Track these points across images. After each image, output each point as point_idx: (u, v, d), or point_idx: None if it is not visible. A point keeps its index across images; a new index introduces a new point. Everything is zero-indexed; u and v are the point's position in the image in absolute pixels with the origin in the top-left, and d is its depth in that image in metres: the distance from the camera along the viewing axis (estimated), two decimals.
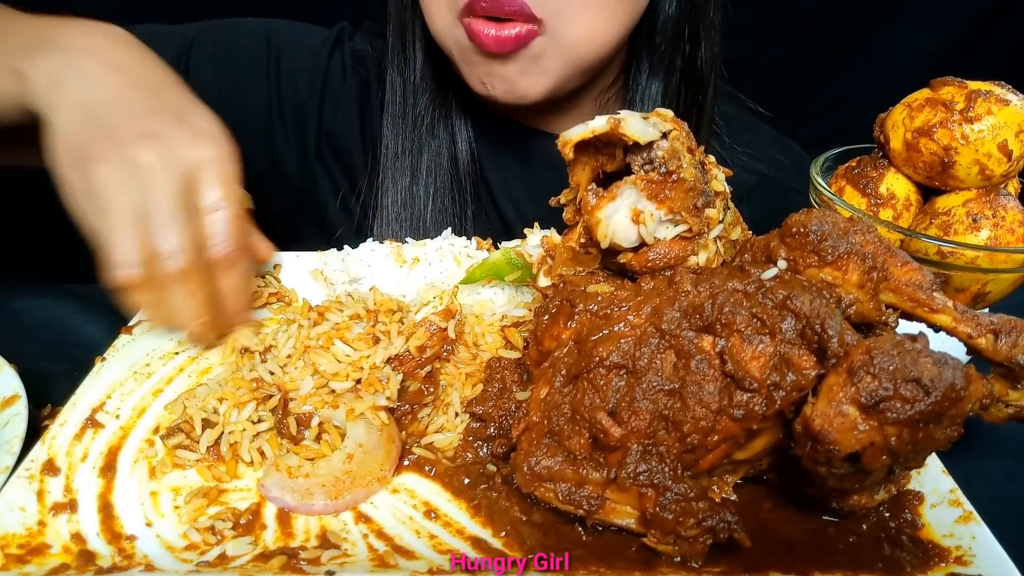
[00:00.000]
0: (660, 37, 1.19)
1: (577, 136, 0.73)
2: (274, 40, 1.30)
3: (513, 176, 1.33)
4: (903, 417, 0.59)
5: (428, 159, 1.25)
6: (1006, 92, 0.86)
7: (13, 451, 0.74)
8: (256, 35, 1.30)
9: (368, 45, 1.33)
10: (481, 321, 0.94)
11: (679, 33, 1.19)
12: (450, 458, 0.78)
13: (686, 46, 1.20)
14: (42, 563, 0.64)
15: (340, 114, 1.31)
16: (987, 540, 0.68)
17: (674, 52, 1.20)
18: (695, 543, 0.65)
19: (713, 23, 1.21)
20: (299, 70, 1.29)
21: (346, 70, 1.32)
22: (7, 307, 1.08)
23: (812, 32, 2.21)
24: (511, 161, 1.32)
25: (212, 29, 1.30)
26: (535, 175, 1.31)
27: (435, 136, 1.26)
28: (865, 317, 0.70)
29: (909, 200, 0.92)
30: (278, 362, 0.83)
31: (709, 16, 1.20)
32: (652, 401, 0.66)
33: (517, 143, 1.31)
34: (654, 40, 1.19)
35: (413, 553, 0.68)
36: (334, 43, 1.33)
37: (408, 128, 1.25)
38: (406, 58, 1.24)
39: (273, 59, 1.28)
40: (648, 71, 1.22)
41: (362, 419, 0.77)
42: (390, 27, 1.25)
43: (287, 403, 0.80)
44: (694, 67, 1.22)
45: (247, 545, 0.67)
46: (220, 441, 0.77)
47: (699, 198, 0.74)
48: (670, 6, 1.16)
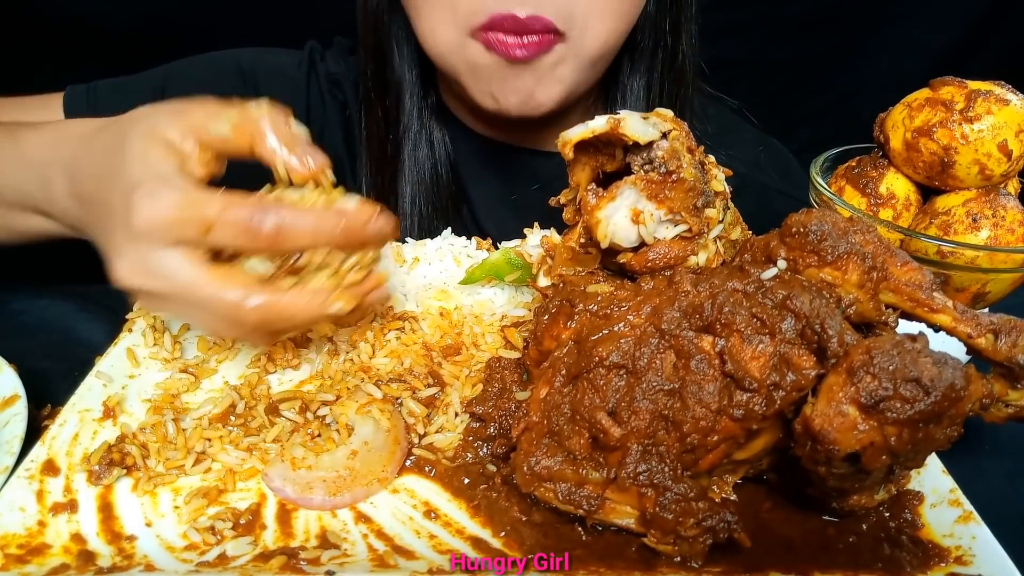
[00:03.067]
0: (640, 34, 1.19)
1: (577, 136, 0.73)
2: (247, 70, 1.27)
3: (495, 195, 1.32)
4: (903, 417, 0.59)
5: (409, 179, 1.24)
6: (1006, 92, 0.86)
7: (13, 451, 0.74)
8: (227, 68, 1.28)
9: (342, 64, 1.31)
10: (481, 321, 0.94)
11: (660, 27, 1.19)
12: (450, 458, 0.78)
13: (668, 39, 1.20)
14: (42, 563, 0.64)
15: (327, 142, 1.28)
16: (987, 540, 0.68)
17: (655, 47, 1.21)
18: (695, 543, 0.65)
19: (694, 17, 1.22)
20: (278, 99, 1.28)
21: (323, 94, 1.30)
22: (7, 307, 1.08)
23: (812, 32, 2.21)
24: (493, 179, 1.32)
25: (179, 70, 1.27)
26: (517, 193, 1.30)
27: (415, 158, 1.24)
28: (865, 317, 0.70)
29: (909, 200, 0.92)
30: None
31: (690, 9, 1.21)
32: (652, 401, 0.66)
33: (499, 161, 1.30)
34: (635, 38, 1.19)
35: (413, 553, 0.68)
36: (309, 66, 1.31)
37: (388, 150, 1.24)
38: (385, 81, 1.22)
39: (251, 89, 1.26)
40: (630, 69, 1.23)
41: (370, 417, 0.78)
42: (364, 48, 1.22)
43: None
44: (675, 62, 1.22)
45: (247, 545, 0.67)
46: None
47: (699, 198, 0.74)
48: (650, 4, 1.17)
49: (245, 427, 0.79)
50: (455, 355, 0.90)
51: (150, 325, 0.91)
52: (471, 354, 0.89)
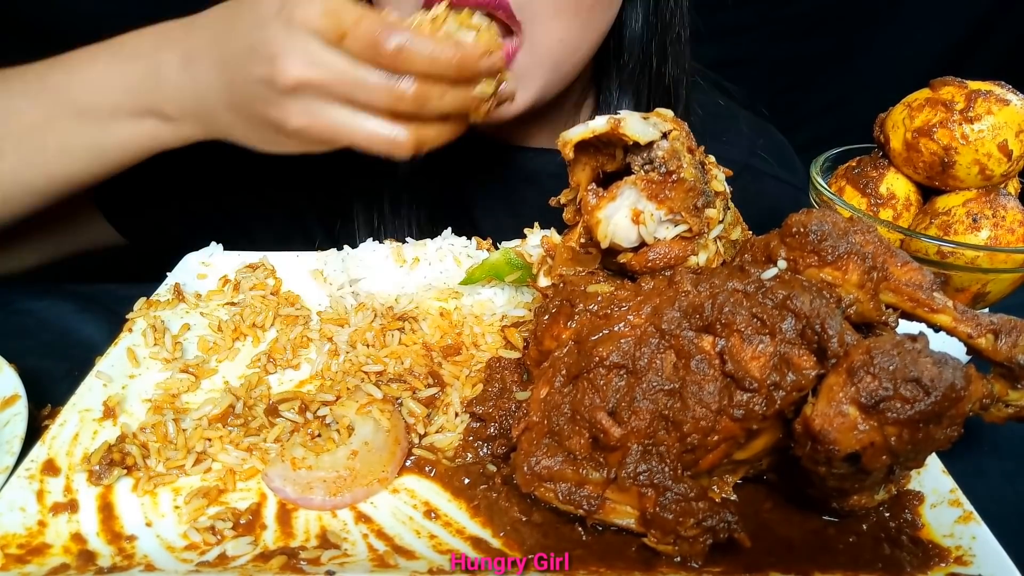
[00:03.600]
0: (627, 54, 1.19)
1: (577, 136, 0.73)
2: None
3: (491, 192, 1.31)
4: (903, 417, 0.59)
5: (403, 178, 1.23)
6: (1006, 92, 0.86)
7: (13, 451, 0.74)
8: None
9: None
10: (481, 321, 0.94)
11: (646, 49, 1.19)
12: (450, 458, 0.78)
13: (653, 61, 1.20)
14: (42, 563, 0.64)
15: None
16: (987, 540, 0.68)
17: (642, 67, 1.20)
18: (695, 543, 0.65)
19: (680, 38, 1.21)
20: None
21: None
22: (7, 307, 1.08)
23: (812, 32, 2.21)
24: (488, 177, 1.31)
25: None
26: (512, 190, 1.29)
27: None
28: (865, 317, 0.70)
29: (909, 200, 0.92)
30: None
31: (675, 31, 1.20)
32: (652, 401, 0.66)
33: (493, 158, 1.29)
34: (622, 56, 1.19)
35: (413, 553, 0.68)
36: None
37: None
38: None
39: None
40: (618, 85, 1.23)
41: (371, 417, 0.78)
42: None
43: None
44: (662, 83, 1.22)
45: (247, 545, 0.67)
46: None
47: (699, 198, 0.74)
48: (636, 22, 1.17)
49: (245, 427, 0.79)
50: (455, 355, 0.90)
51: (150, 325, 0.91)
52: (471, 354, 0.89)
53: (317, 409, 0.81)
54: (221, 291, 1.00)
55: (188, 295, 0.99)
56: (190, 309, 0.98)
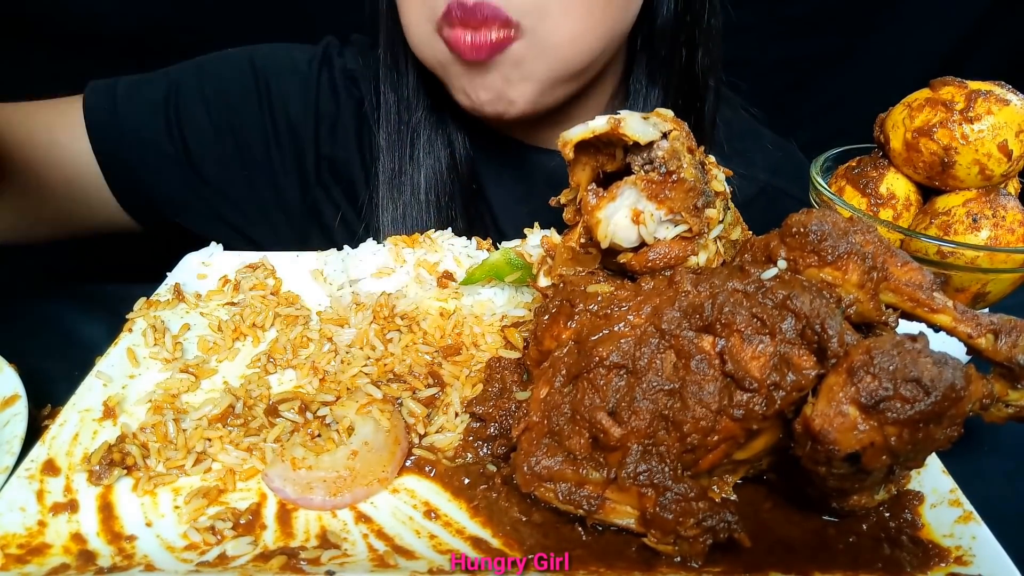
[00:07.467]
0: (658, 42, 1.18)
1: (577, 136, 0.73)
2: (259, 66, 1.28)
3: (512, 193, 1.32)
4: (903, 417, 0.59)
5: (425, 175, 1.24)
6: (1006, 92, 0.86)
7: (13, 451, 0.74)
8: (240, 65, 1.28)
9: (359, 60, 1.31)
10: (481, 321, 0.94)
11: (676, 38, 1.18)
12: (450, 458, 0.78)
13: (683, 51, 1.20)
14: (42, 563, 0.64)
15: (338, 138, 1.29)
16: (987, 540, 0.68)
17: (671, 57, 1.20)
18: (695, 543, 0.65)
19: (711, 27, 1.21)
20: (289, 95, 1.28)
21: (338, 90, 1.30)
22: (7, 307, 1.08)
23: (812, 32, 2.21)
24: (510, 178, 1.31)
25: (195, 67, 1.28)
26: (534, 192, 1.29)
27: (432, 152, 1.24)
28: (865, 317, 0.70)
29: (909, 200, 0.92)
30: None
31: (706, 20, 1.19)
32: (652, 401, 0.66)
33: (516, 159, 1.29)
34: (652, 46, 1.19)
35: (413, 553, 0.68)
36: (321, 62, 1.31)
37: (405, 144, 1.24)
38: (399, 73, 1.22)
39: (262, 86, 1.27)
40: (646, 77, 1.22)
41: (371, 417, 0.78)
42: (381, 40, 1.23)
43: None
44: (692, 72, 1.21)
45: (247, 545, 0.67)
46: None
47: (699, 198, 0.74)
48: (667, 10, 1.16)
49: (245, 427, 0.79)
50: (455, 355, 0.90)
51: (150, 325, 0.91)
52: (471, 354, 0.89)
53: (317, 409, 0.81)
54: (221, 291, 1.00)
55: (188, 295, 0.99)
56: (190, 309, 0.98)
